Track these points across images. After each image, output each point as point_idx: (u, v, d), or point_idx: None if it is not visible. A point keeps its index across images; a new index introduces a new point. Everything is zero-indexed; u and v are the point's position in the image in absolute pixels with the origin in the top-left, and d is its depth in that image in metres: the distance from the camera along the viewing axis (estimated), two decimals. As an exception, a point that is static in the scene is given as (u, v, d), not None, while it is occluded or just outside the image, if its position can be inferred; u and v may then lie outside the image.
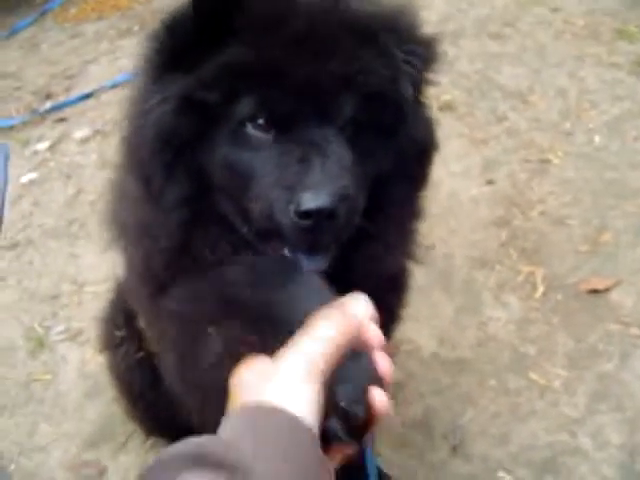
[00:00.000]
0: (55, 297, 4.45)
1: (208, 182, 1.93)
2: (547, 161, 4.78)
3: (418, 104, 2.06)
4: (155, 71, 1.93)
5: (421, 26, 2.02)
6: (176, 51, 1.87)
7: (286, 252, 1.90)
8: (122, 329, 2.95)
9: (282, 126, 1.84)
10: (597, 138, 4.91)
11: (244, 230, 1.94)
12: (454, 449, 3.30)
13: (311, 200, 1.70)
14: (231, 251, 1.98)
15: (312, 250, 1.88)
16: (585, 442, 3.25)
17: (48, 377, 3.95)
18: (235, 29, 1.81)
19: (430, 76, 2.06)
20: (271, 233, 1.86)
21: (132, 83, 2.06)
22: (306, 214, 1.71)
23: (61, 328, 4.23)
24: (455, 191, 4.66)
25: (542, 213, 4.42)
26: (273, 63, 1.79)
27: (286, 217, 1.76)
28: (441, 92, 5.35)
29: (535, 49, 5.91)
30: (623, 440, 3.24)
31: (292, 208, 1.73)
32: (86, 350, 4.00)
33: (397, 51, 1.93)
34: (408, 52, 1.95)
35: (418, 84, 2.01)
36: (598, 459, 3.18)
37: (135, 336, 2.87)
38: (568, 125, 5.08)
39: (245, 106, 1.83)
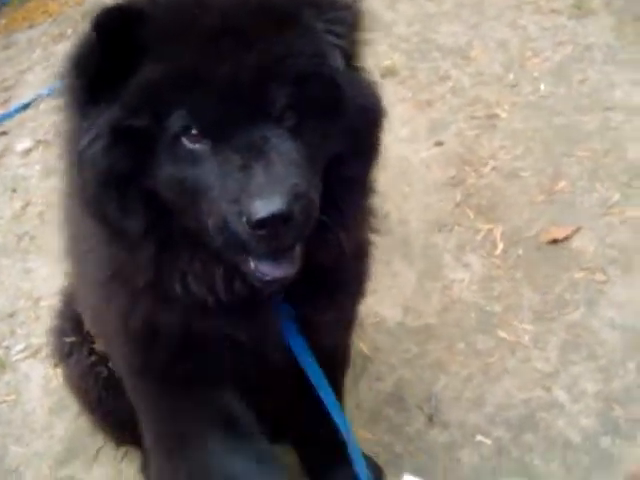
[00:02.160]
0: (12, 315, 4.34)
1: (163, 206, 1.86)
2: (494, 115, 4.71)
3: (355, 71, 1.99)
4: (79, 106, 1.85)
5: None
6: (92, 84, 1.79)
7: (251, 264, 1.84)
8: (71, 336, 2.89)
9: (216, 133, 1.76)
10: (542, 86, 4.84)
11: (212, 245, 1.86)
12: (430, 418, 3.24)
13: (262, 208, 1.64)
14: (203, 283, 1.94)
15: (277, 256, 1.82)
16: (560, 395, 3.20)
17: (13, 397, 3.85)
18: (145, 45, 1.73)
19: (362, 37, 1.98)
20: (231, 244, 1.78)
21: (61, 115, 1.96)
22: (260, 223, 1.66)
23: (21, 346, 4.12)
24: (404, 156, 4.57)
25: (495, 168, 4.35)
26: (191, 70, 1.72)
27: (241, 229, 1.70)
28: (381, 58, 5.28)
29: (472, 4, 5.83)
30: (598, 388, 3.19)
31: (245, 220, 1.67)
32: (48, 366, 3.88)
33: (318, 24, 1.85)
34: (330, 21, 1.88)
35: (348, 51, 1.94)
36: (575, 411, 3.13)
37: (85, 341, 2.82)
38: (512, 76, 5.00)
39: (175, 120, 1.75)
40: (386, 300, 3.76)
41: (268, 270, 1.83)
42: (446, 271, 3.86)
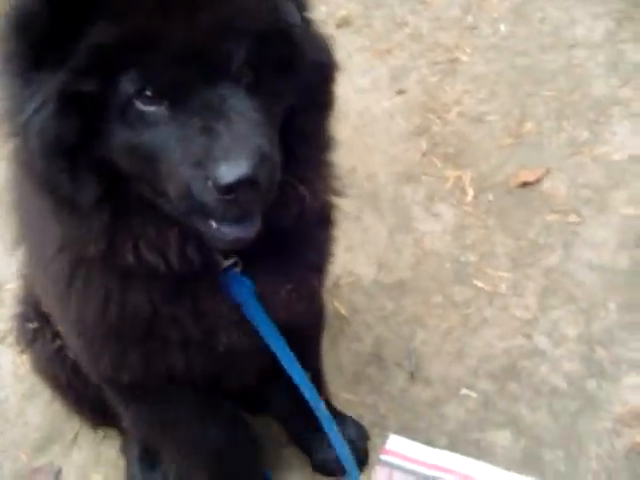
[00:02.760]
0: (-23, 302, 4.19)
1: (117, 174, 1.77)
2: (456, 60, 4.60)
3: (307, 25, 1.90)
4: (21, 74, 1.72)
5: None
6: (37, 46, 1.67)
7: (213, 225, 1.75)
8: (34, 322, 2.80)
9: (173, 94, 1.67)
10: (502, 27, 4.73)
11: (168, 210, 1.78)
12: (412, 375, 3.18)
13: (228, 172, 1.57)
14: (155, 248, 1.86)
15: (240, 219, 1.75)
16: (542, 341, 3.16)
17: (-18, 387, 3.73)
18: (94, 4, 1.61)
19: None
20: (195, 209, 1.71)
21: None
22: (228, 188, 1.59)
23: (-12, 335, 3.99)
24: (366, 107, 4.46)
25: (460, 114, 4.25)
26: (143, 29, 1.61)
27: (207, 194, 1.63)
28: (335, 9, 5.12)
29: (425, -54, 5.67)
30: (580, 331, 3.16)
31: (210, 184, 1.60)
32: (17, 352, 3.76)
33: None
34: None
35: (302, 3, 1.87)
36: (557, 356, 3.10)
37: (48, 325, 2.71)
38: (471, 19, 4.88)
39: (127, 82, 1.65)
40: (359, 257, 3.68)
41: (230, 230, 1.76)
42: (417, 223, 3.78)
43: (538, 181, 3.75)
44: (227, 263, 2.03)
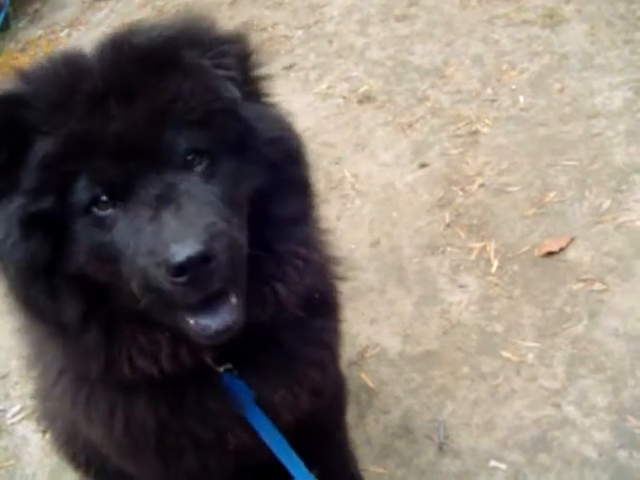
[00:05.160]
0: (4, 377, 4.26)
1: (94, 284, 1.80)
2: (476, 132, 4.67)
3: (261, 105, 1.95)
4: None
5: (217, 25, 1.94)
6: None
7: (190, 320, 1.75)
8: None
9: (123, 192, 1.70)
10: (522, 98, 4.81)
11: (153, 314, 1.80)
12: (440, 447, 3.16)
13: (178, 252, 1.56)
14: (147, 354, 1.88)
15: (210, 305, 1.73)
16: (571, 411, 3.13)
17: (11, 463, 3.76)
18: (31, 125, 1.70)
19: (260, 71, 1.97)
20: (160, 302, 1.71)
21: None
22: (180, 269, 1.57)
23: (16, 409, 4.03)
24: (390, 181, 4.51)
25: (482, 186, 4.30)
26: (82, 136, 1.68)
27: (162, 282, 1.62)
28: (358, 85, 5.25)
29: (443, 22, 5.82)
30: (609, 400, 3.12)
31: (163, 270, 1.59)
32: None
33: (204, 61, 1.82)
34: (216, 56, 1.85)
35: (245, 82, 1.91)
36: (588, 426, 3.06)
37: None
38: (490, 91, 4.97)
39: (81, 191, 1.70)
40: (385, 330, 3.70)
41: (207, 322, 1.74)
42: (443, 294, 3.80)
43: (562, 250, 3.76)
44: (222, 368, 2.02)
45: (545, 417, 3.14)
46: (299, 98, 5.42)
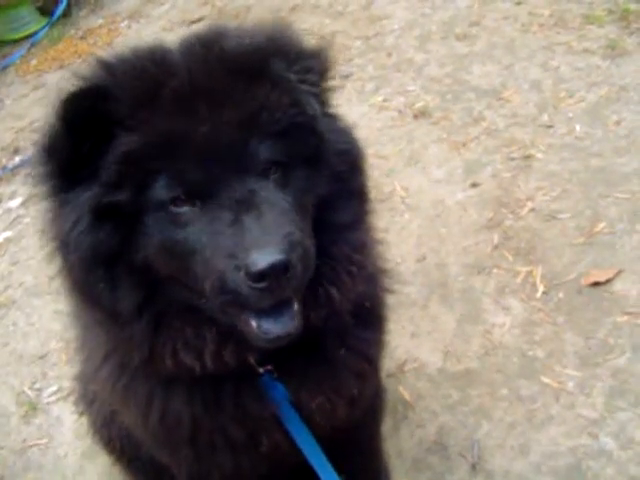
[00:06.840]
0: (43, 357, 4.34)
1: (154, 279, 1.85)
2: (530, 156, 4.67)
3: (330, 117, 2.01)
4: (56, 194, 1.85)
5: (302, 39, 1.98)
6: (65, 169, 1.79)
7: (253, 323, 1.79)
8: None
9: (203, 194, 1.75)
10: (578, 127, 4.80)
11: (206, 309, 1.85)
12: (473, 467, 3.17)
13: (260, 259, 1.62)
14: (192, 350, 1.91)
15: (276, 311, 1.78)
16: (608, 442, 3.12)
17: (44, 441, 3.84)
18: (115, 119, 1.73)
19: (330, 84, 2.02)
20: (231, 303, 1.76)
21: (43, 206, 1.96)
22: (260, 275, 1.63)
23: (53, 389, 4.12)
24: (440, 198, 4.54)
25: (532, 210, 4.30)
26: (168, 135, 1.72)
27: (240, 285, 1.67)
28: (414, 100, 5.28)
29: (504, 45, 5.82)
30: (647, 435, 3.11)
31: (242, 274, 1.65)
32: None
33: (290, 75, 1.86)
34: (301, 71, 1.89)
35: (321, 98, 1.96)
36: (624, 459, 3.05)
37: None
38: (546, 117, 4.97)
39: (159, 189, 1.75)
40: (425, 345, 3.72)
41: (270, 327, 1.79)
42: (486, 315, 3.81)
43: (609, 282, 3.75)
44: (262, 370, 2.05)
45: (581, 446, 3.13)
46: (354, 108, 5.47)
